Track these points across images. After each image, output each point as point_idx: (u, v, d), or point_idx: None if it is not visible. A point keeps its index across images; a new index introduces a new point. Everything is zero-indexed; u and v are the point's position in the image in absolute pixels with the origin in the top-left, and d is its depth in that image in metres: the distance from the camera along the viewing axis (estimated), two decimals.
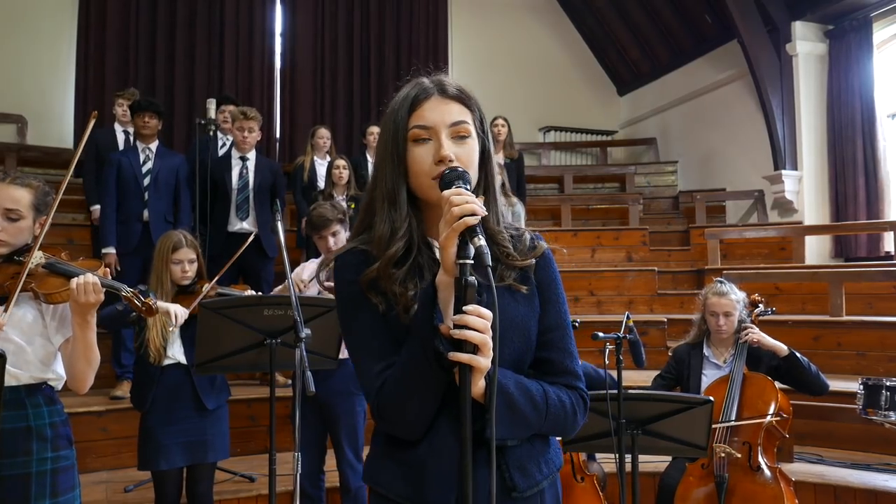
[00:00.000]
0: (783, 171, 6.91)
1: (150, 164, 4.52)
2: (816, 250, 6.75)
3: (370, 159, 5.76)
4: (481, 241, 1.01)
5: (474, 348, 1.03)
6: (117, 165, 4.44)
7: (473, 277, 1.02)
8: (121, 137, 5.23)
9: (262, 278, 4.64)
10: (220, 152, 5.07)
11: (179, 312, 2.75)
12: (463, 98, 1.20)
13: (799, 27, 6.87)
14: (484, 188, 1.24)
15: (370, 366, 1.16)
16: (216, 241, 4.56)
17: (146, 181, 4.47)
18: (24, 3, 7.50)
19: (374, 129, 5.87)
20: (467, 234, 1.03)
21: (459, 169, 1.12)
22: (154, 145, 4.58)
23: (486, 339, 1.01)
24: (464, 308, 1.02)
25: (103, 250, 4.38)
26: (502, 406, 1.09)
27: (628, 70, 9.74)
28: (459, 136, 1.18)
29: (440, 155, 1.15)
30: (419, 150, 1.17)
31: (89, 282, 1.82)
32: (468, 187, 1.09)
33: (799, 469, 3.61)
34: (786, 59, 6.95)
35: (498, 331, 1.00)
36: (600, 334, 2.46)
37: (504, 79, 9.19)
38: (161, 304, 2.72)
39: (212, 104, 4.65)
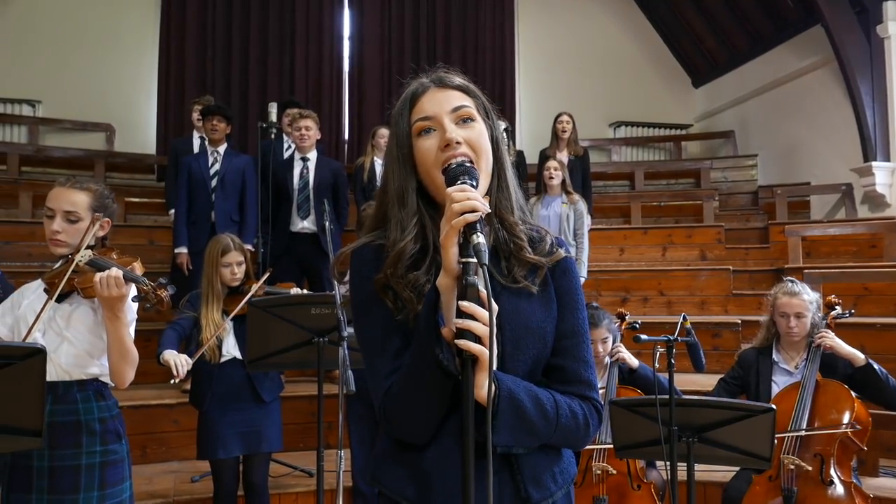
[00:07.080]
0: (874, 163, 6.42)
1: (217, 167, 4.68)
2: None
3: None
4: (479, 238, 0.97)
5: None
6: (188, 169, 4.64)
7: (475, 277, 0.99)
8: (196, 143, 5.45)
9: (325, 277, 4.72)
10: (286, 155, 5.20)
11: (180, 363, 2.69)
12: (464, 87, 1.17)
13: (891, 7, 6.34)
14: (496, 176, 1.19)
15: (379, 367, 1.14)
16: (280, 240, 4.68)
17: (213, 183, 4.64)
18: (110, 19, 7.97)
19: None
20: (467, 232, 0.99)
21: (466, 164, 1.09)
22: (222, 148, 4.74)
23: (487, 332, 0.97)
24: (460, 304, 0.98)
25: (175, 250, 4.59)
26: (510, 412, 1.06)
27: (704, 60, 9.32)
28: (463, 120, 1.14)
29: (446, 139, 1.11)
30: (424, 142, 1.14)
31: (111, 275, 1.88)
32: (473, 183, 1.05)
33: (885, 484, 3.35)
34: (876, 43, 6.44)
35: (494, 328, 0.97)
36: (643, 336, 2.30)
37: (572, 75, 9.00)
38: (166, 355, 2.71)
39: (273, 108, 4.78)
